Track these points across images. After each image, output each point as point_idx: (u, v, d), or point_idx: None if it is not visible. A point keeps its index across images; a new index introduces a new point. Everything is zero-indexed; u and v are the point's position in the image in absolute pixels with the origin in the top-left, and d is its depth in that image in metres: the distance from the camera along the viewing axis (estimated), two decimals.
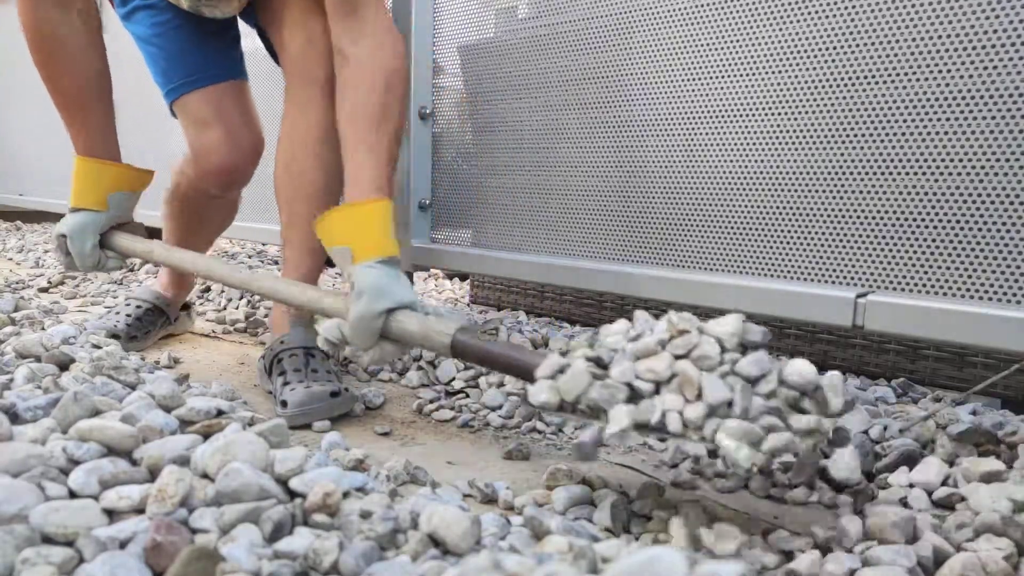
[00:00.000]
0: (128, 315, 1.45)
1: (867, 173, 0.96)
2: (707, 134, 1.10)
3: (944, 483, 0.83)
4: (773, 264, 1.05)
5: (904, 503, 0.81)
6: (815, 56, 0.99)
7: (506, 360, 0.86)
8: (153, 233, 1.41)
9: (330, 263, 1.19)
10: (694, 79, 1.10)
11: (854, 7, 0.95)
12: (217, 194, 1.41)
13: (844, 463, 0.78)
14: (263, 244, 2.88)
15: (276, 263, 2.63)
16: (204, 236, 1.57)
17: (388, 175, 1.08)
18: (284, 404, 1.04)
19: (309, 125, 1.21)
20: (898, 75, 0.92)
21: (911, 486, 0.84)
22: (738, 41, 1.05)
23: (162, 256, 1.26)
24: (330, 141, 1.17)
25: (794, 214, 1.02)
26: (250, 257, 2.81)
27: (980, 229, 0.88)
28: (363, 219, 1.02)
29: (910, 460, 0.87)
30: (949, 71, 0.89)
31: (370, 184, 1.04)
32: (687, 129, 1.12)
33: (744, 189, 1.07)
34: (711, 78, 1.08)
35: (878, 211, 0.95)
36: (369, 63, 1.09)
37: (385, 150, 1.07)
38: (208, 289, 2.03)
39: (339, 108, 1.11)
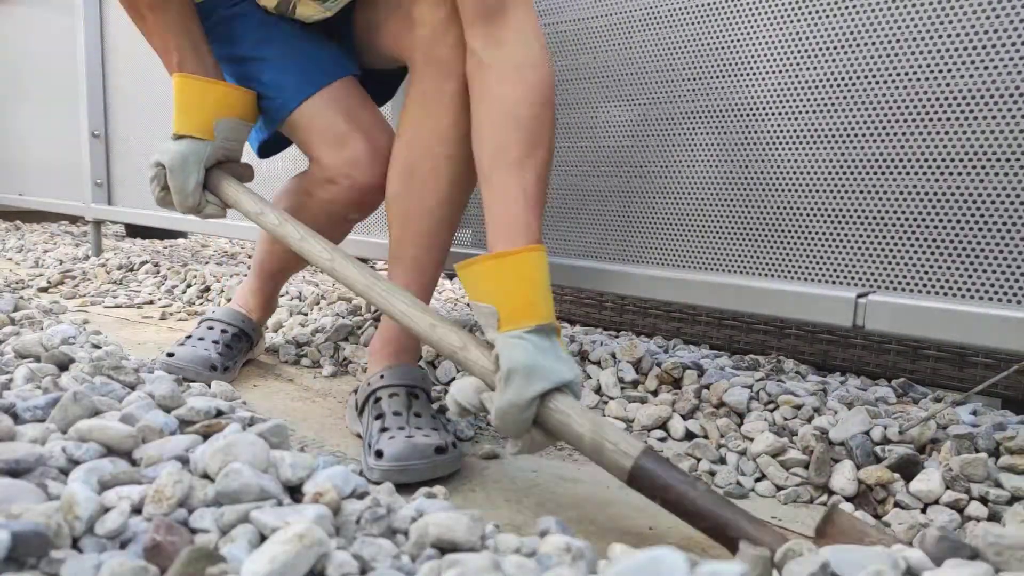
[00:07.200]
0: (215, 342, 1.25)
1: (867, 173, 0.96)
2: (707, 134, 1.10)
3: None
4: (773, 264, 1.05)
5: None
6: (816, 56, 0.99)
7: (711, 517, 0.65)
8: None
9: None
10: (693, 79, 1.10)
11: (854, 7, 0.95)
12: (356, 218, 1.22)
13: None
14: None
15: None
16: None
17: (539, 214, 0.87)
18: (379, 455, 0.87)
19: (438, 130, 1.01)
20: (898, 75, 0.93)
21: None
22: (737, 41, 1.05)
23: (273, 226, 0.99)
24: (460, 149, 1.00)
25: (794, 214, 1.02)
26: (250, 257, 2.80)
27: (980, 229, 0.88)
28: (511, 272, 0.81)
29: (911, 464, 0.87)
30: (949, 71, 0.89)
31: (520, 226, 0.85)
32: (687, 129, 1.12)
33: (744, 189, 1.07)
34: (710, 78, 1.08)
35: (878, 211, 0.95)
36: (517, 69, 0.89)
37: (535, 181, 0.87)
38: (208, 289, 2.03)
39: (476, 123, 0.92)
